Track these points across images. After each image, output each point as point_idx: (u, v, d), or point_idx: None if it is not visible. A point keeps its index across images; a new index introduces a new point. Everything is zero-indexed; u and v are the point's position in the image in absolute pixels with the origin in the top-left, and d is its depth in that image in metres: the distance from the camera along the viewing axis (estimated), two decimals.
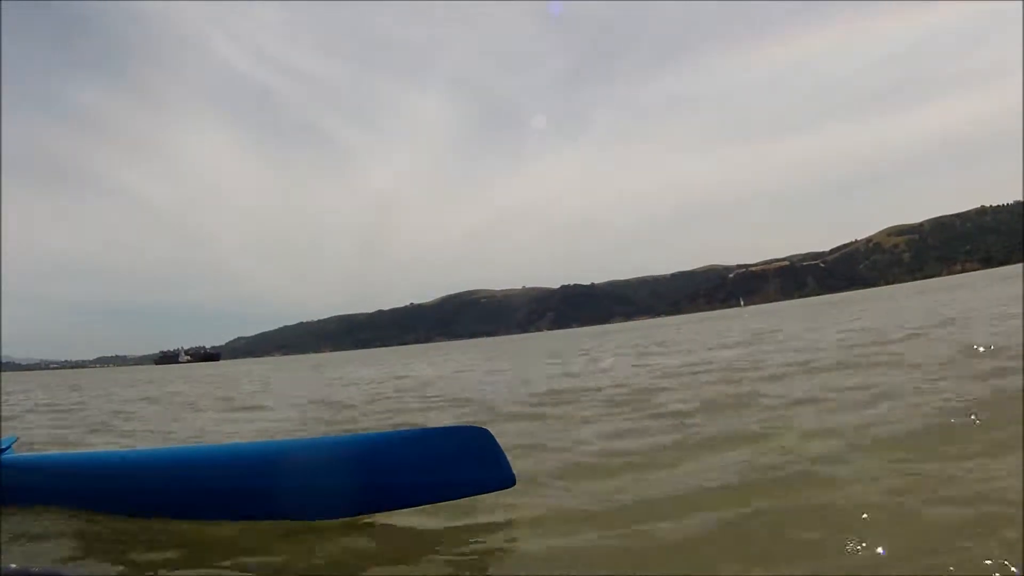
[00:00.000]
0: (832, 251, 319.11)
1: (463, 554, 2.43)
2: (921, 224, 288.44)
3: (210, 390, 15.15)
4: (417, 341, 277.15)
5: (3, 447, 3.58)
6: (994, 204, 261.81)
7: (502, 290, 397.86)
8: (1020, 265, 68.39)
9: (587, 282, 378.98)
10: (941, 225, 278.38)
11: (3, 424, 7.65)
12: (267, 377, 20.90)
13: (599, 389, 7.20)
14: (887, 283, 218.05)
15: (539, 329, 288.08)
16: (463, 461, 2.58)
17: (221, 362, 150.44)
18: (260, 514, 2.75)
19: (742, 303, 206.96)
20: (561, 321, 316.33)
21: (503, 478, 2.57)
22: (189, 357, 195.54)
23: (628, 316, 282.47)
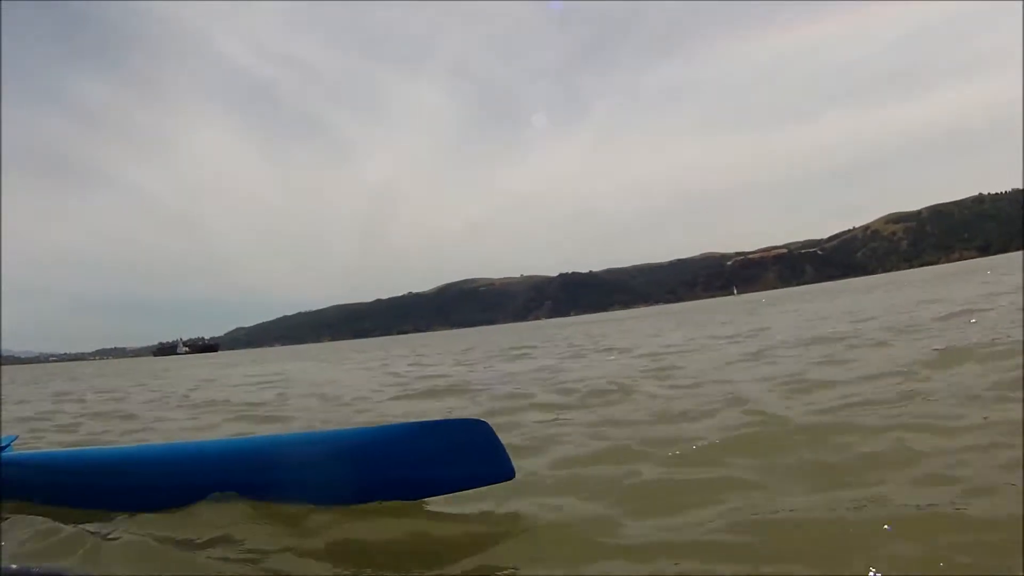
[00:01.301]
0: (830, 239, 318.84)
1: (464, 547, 2.38)
2: (919, 212, 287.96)
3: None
4: (416, 330, 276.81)
5: (3, 445, 3.55)
6: (992, 192, 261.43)
7: (500, 278, 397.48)
8: (1018, 253, 68.45)
9: (585, 270, 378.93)
10: (939, 213, 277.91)
11: None
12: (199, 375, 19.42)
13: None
14: (885, 271, 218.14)
15: (537, 317, 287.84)
16: (462, 454, 2.57)
17: (219, 353, 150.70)
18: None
19: (735, 291, 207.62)
20: (560, 309, 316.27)
21: (502, 471, 2.56)
22: (187, 348, 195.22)
23: (626, 304, 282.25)
